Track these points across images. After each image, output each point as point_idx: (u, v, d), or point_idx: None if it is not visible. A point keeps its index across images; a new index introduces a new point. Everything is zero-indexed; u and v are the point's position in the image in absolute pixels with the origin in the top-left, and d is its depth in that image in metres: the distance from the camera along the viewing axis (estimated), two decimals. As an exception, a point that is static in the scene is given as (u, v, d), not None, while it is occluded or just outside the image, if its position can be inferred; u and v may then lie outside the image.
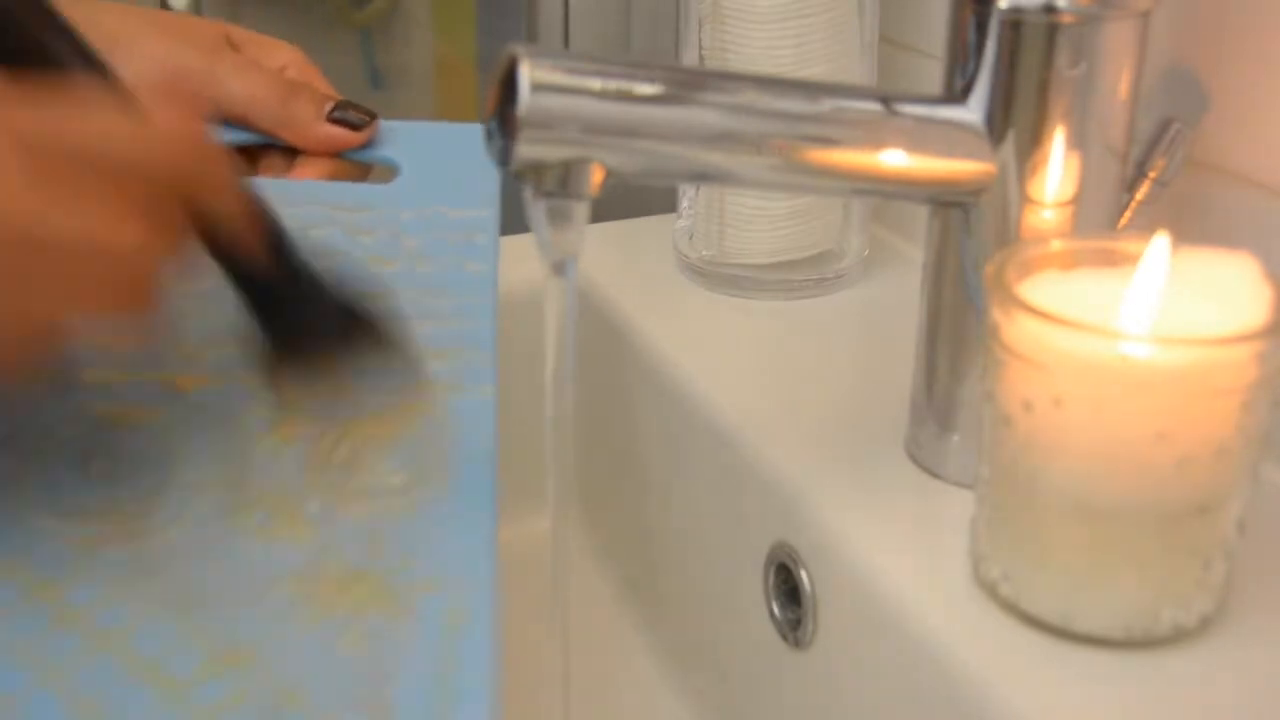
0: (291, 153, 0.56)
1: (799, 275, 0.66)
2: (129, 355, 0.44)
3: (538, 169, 0.40)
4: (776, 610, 0.54)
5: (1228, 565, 0.42)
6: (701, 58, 0.63)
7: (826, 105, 0.45)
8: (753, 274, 0.65)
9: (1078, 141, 0.45)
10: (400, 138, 0.56)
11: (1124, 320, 0.41)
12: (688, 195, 0.68)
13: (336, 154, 0.55)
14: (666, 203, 0.72)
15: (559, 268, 0.42)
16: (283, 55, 0.58)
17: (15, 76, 0.37)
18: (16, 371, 0.37)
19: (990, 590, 0.44)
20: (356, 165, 0.56)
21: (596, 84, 0.40)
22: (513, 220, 0.54)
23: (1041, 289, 0.42)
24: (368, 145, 0.55)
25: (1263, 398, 0.40)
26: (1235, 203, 0.52)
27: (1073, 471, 0.40)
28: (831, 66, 0.62)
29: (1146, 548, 0.41)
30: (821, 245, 0.66)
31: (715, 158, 0.43)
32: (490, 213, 0.53)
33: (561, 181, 0.40)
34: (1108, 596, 0.41)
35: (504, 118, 0.39)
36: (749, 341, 0.62)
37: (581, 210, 0.41)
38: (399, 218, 0.52)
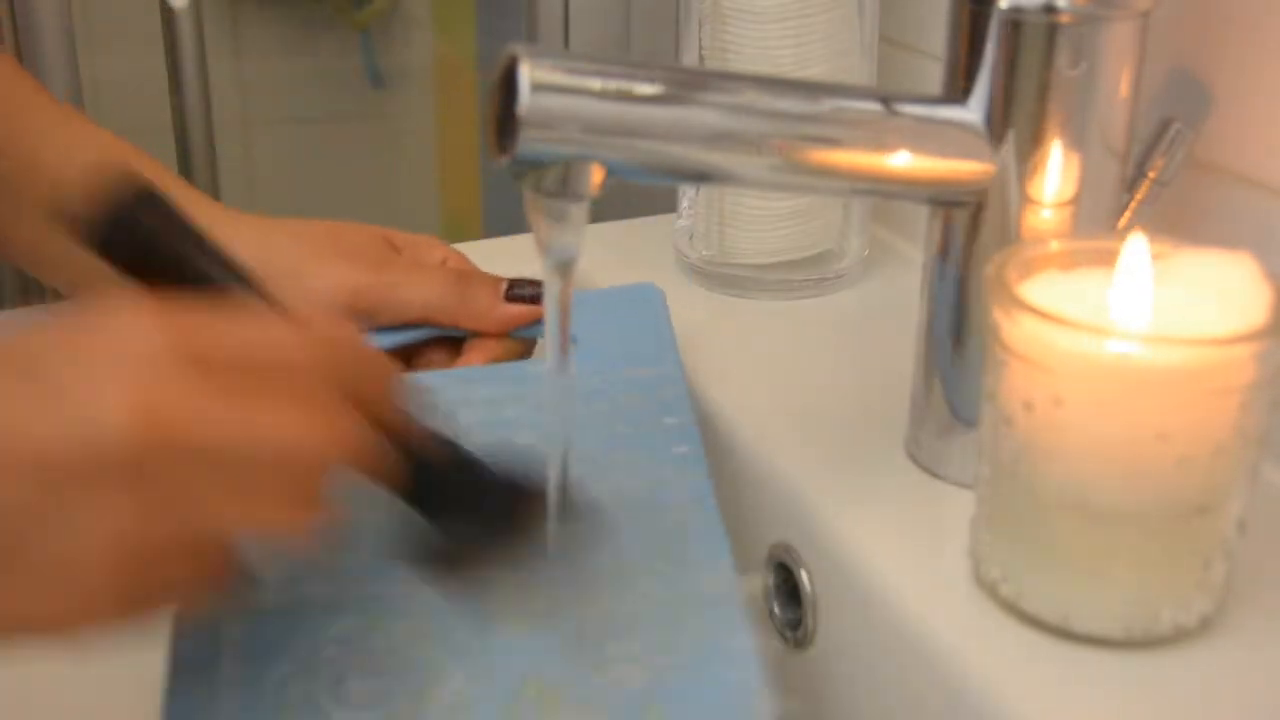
0: (451, 345, 0.57)
1: (799, 275, 0.66)
2: (323, 563, 0.43)
3: (538, 169, 0.40)
4: (776, 610, 0.54)
5: (1228, 565, 0.42)
6: (701, 58, 0.63)
7: (826, 105, 0.45)
8: (753, 274, 0.65)
9: (1078, 142, 0.45)
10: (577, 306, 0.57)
11: (1122, 320, 0.41)
12: (688, 195, 0.68)
13: (507, 334, 0.56)
14: (666, 203, 0.72)
15: (559, 267, 0.42)
16: (439, 251, 0.59)
17: (168, 293, 0.37)
18: (195, 589, 0.36)
19: (990, 590, 0.44)
20: (522, 342, 0.57)
21: (596, 84, 0.40)
22: (507, 220, 0.55)
23: (1041, 289, 0.42)
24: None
25: (1262, 398, 0.40)
26: (1235, 203, 0.52)
27: (1073, 471, 0.40)
28: (831, 66, 0.62)
29: (1146, 548, 0.41)
30: (821, 245, 0.66)
31: (715, 158, 0.43)
32: (675, 367, 0.54)
33: (561, 181, 0.40)
34: (1108, 596, 0.41)
35: (504, 118, 0.39)
36: (749, 341, 0.62)
37: (581, 210, 0.41)
38: (585, 387, 0.52)
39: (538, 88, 0.39)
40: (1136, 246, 0.42)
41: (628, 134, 0.41)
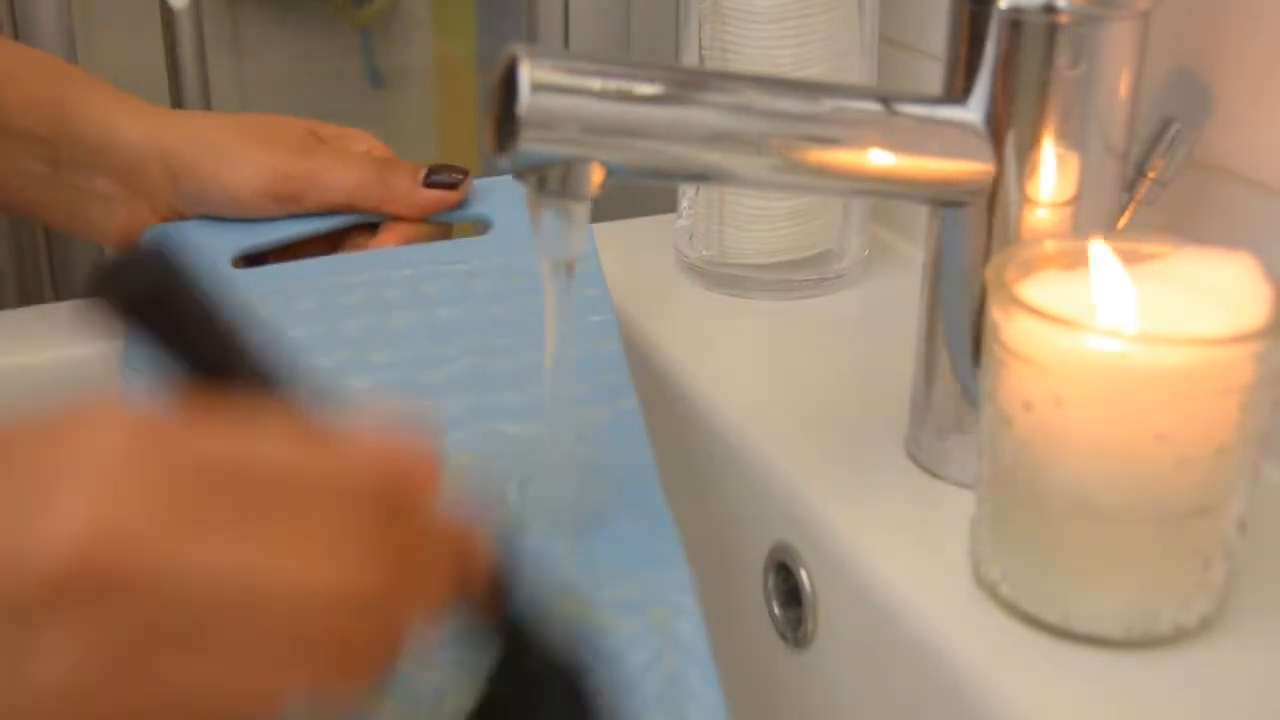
0: (369, 229, 0.59)
1: (799, 275, 0.66)
2: None
3: (538, 169, 0.40)
4: (776, 610, 0.54)
5: (1228, 565, 0.42)
6: (701, 58, 0.63)
7: (826, 105, 0.45)
8: (753, 274, 0.65)
9: (1078, 141, 0.45)
10: (487, 194, 0.59)
11: (1122, 320, 0.41)
12: (688, 195, 0.68)
13: (427, 218, 0.58)
14: (666, 203, 0.72)
15: (561, 267, 0.42)
16: (363, 141, 0.61)
17: (192, 393, 0.30)
18: None
19: (990, 590, 0.44)
20: (437, 227, 0.59)
21: (596, 84, 0.40)
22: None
23: (1041, 289, 0.42)
24: (463, 203, 0.58)
25: (1262, 398, 0.40)
26: (1235, 203, 0.52)
27: (1073, 471, 0.40)
28: (831, 66, 0.62)
29: (1146, 548, 0.41)
30: (821, 245, 0.66)
31: (715, 158, 0.43)
32: (594, 264, 0.56)
33: (562, 181, 0.41)
34: (1108, 596, 0.41)
35: (504, 118, 0.39)
36: (749, 341, 0.62)
37: (582, 210, 0.41)
38: (505, 264, 0.55)
39: (538, 88, 0.39)
40: (1099, 252, 0.42)
41: (628, 134, 0.41)
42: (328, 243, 0.58)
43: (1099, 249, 0.42)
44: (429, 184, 0.57)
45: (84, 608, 0.25)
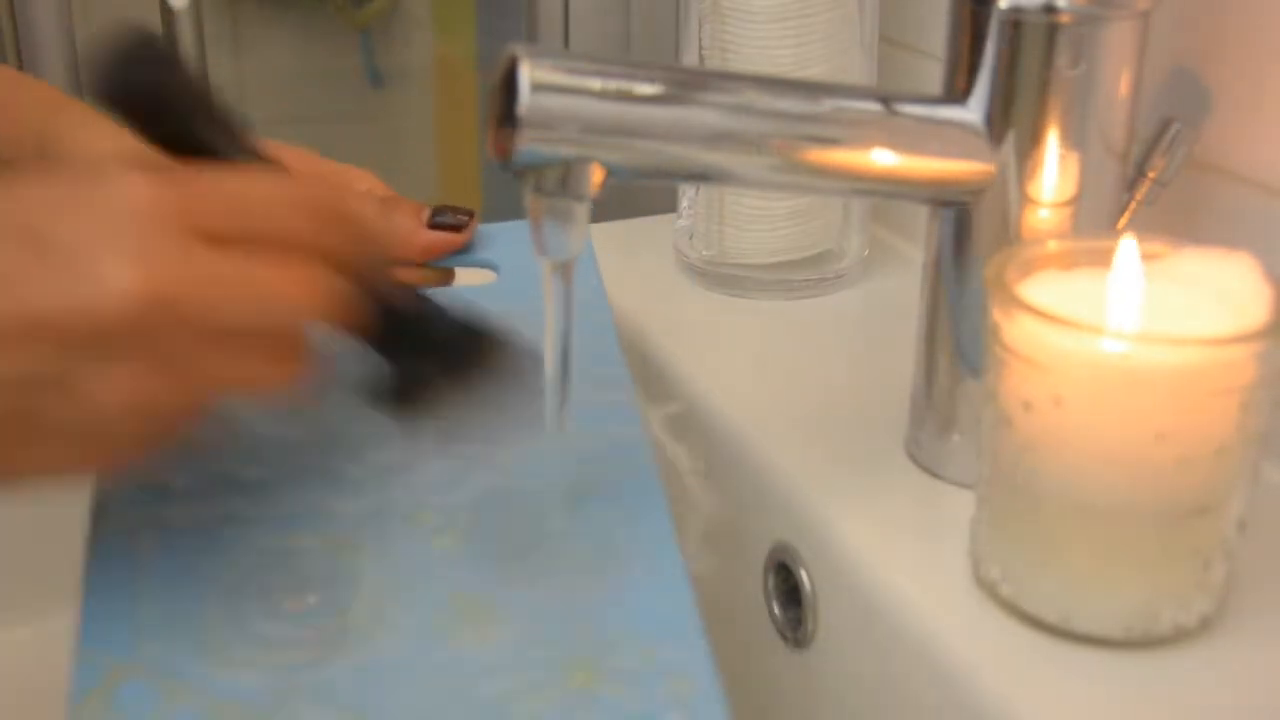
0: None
1: (799, 275, 0.66)
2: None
3: (538, 169, 0.40)
4: (776, 610, 0.54)
5: (1228, 565, 0.42)
6: (701, 57, 0.63)
7: (826, 105, 0.45)
8: (753, 274, 0.65)
9: (1078, 141, 0.45)
10: (492, 240, 0.57)
11: (1122, 320, 0.41)
12: (688, 195, 0.68)
13: (429, 263, 0.57)
14: (666, 203, 0.72)
15: (560, 268, 0.42)
16: (364, 180, 0.59)
17: (165, 148, 0.39)
18: (166, 441, 0.37)
19: (990, 590, 0.44)
20: (442, 272, 0.57)
21: (596, 84, 0.40)
22: (507, 220, 0.55)
23: (1041, 289, 0.42)
24: (468, 247, 0.56)
25: (1262, 397, 0.40)
26: (1235, 203, 0.52)
27: (1073, 471, 0.40)
28: (831, 66, 0.62)
29: (1146, 548, 0.41)
30: (821, 245, 0.66)
31: (715, 158, 0.43)
32: (600, 296, 0.55)
33: (561, 181, 0.40)
34: (1108, 596, 0.41)
35: (504, 118, 0.39)
36: (749, 341, 0.62)
37: (582, 210, 0.41)
38: (510, 311, 0.52)
39: (538, 88, 0.39)
40: (1129, 250, 0.42)
41: (628, 134, 0.41)
42: None
43: (1128, 245, 0.42)
44: (433, 225, 0.55)
45: (157, 337, 0.34)
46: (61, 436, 0.35)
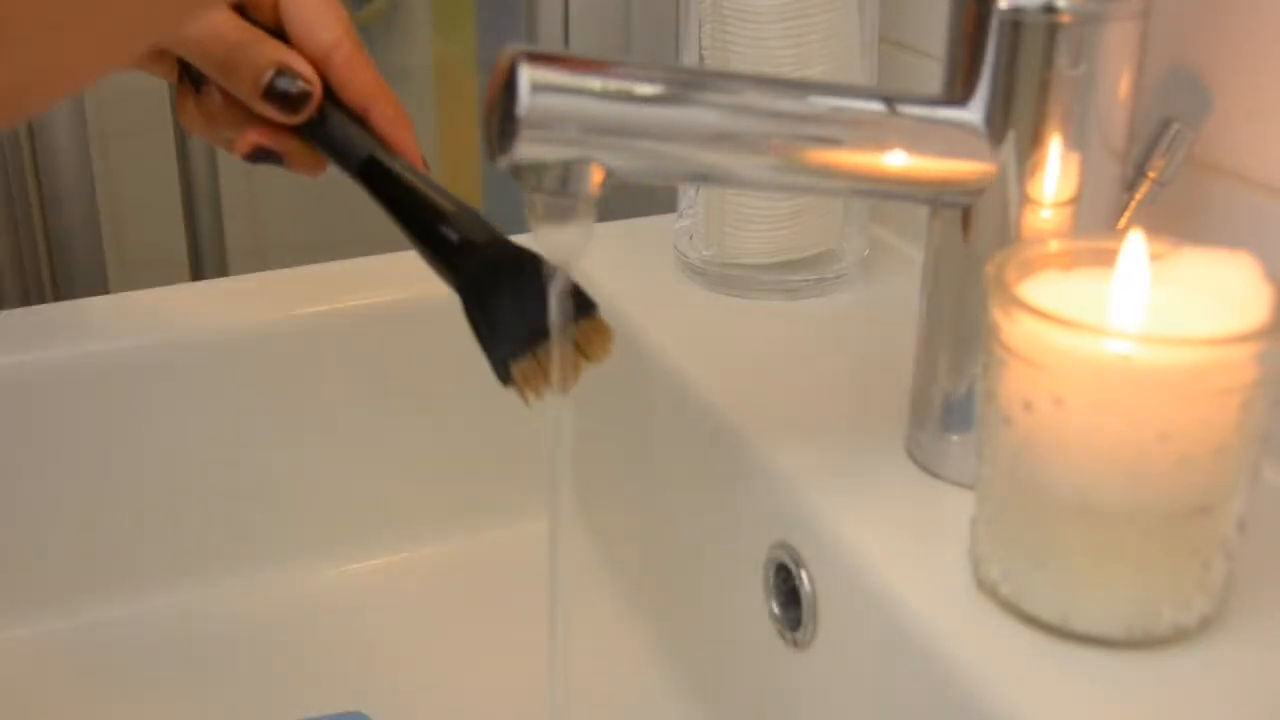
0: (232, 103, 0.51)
1: (799, 275, 0.66)
2: None
3: (538, 169, 0.40)
4: (776, 610, 0.54)
5: (1228, 565, 0.42)
6: (701, 58, 0.63)
7: (826, 105, 0.45)
8: (753, 274, 0.65)
9: (1078, 141, 0.45)
10: None
11: (1122, 320, 0.41)
12: (688, 195, 0.68)
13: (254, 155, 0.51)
14: (666, 203, 0.72)
15: (560, 267, 0.42)
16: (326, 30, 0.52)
17: None
18: None
19: (990, 590, 0.44)
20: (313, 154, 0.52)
21: (596, 84, 0.40)
22: (508, 220, 0.55)
23: (1041, 289, 0.42)
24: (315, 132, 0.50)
25: (1262, 397, 0.40)
26: (1235, 203, 0.52)
27: (1073, 471, 0.40)
28: (831, 66, 0.62)
29: (1146, 548, 0.41)
30: (821, 245, 0.66)
31: (715, 158, 0.43)
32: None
33: (561, 181, 0.40)
34: (1108, 596, 0.41)
35: (504, 118, 0.39)
36: (749, 341, 0.62)
37: (583, 210, 0.41)
38: None
39: (538, 88, 0.39)
40: (1135, 246, 0.42)
41: (628, 134, 0.41)
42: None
43: (1135, 242, 0.42)
44: (266, 93, 0.48)
45: None
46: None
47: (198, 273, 0.91)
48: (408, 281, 0.68)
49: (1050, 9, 0.44)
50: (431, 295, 0.68)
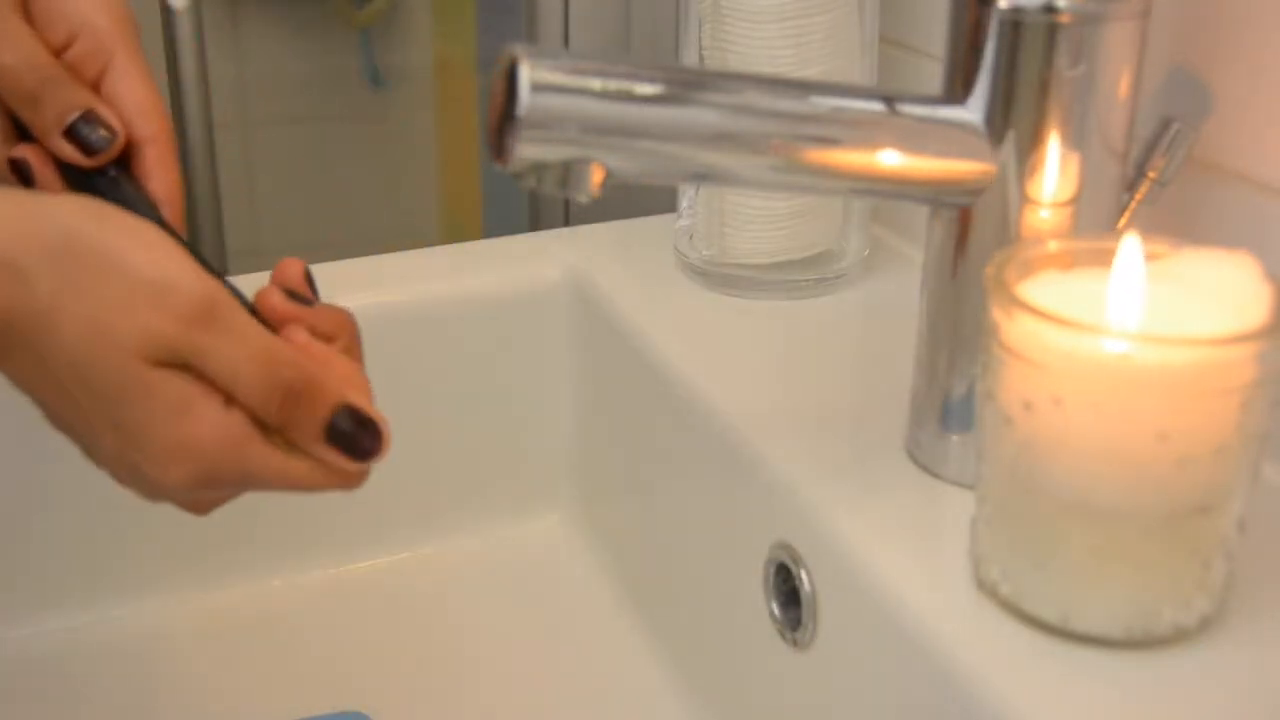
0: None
1: (799, 275, 0.66)
2: None
3: (538, 169, 0.40)
4: (776, 610, 0.54)
5: (1228, 565, 0.42)
6: (701, 58, 0.63)
7: (826, 105, 0.45)
8: (753, 274, 0.65)
9: (1078, 141, 0.45)
10: None
11: (1122, 320, 0.41)
12: (688, 195, 0.68)
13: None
14: (666, 203, 0.72)
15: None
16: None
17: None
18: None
19: (990, 590, 0.44)
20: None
21: (596, 84, 0.40)
22: (508, 220, 0.55)
23: (1041, 289, 0.42)
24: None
25: (1262, 397, 0.40)
26: (1235, 203, 0.52)
27: (1073, 471, 0.40)
28: (831, 66, 0.62)
29: (1146, 548, 0.41)
30: (821, 245, 0.66)
31: (715, 158, 0.43)
32: None
33: (561, 181, 0.40)
34: (1108, 596, 0.41)
35: (504, 118, 0.39)
36: (749, 341, 0.62)
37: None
38: None
39: (538, 88, 0.39)
40: (1132, 248, 0.42)
41: (628, 134, 0.41)
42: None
43: (1131, 243, 0.42)
44: (69, 134, 0.47)
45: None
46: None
47: (198, 273, 0.91)
48: (408, 281, 0.68)
49: (1050, 9, 0.44)
50: (432, 295, 0.69)
